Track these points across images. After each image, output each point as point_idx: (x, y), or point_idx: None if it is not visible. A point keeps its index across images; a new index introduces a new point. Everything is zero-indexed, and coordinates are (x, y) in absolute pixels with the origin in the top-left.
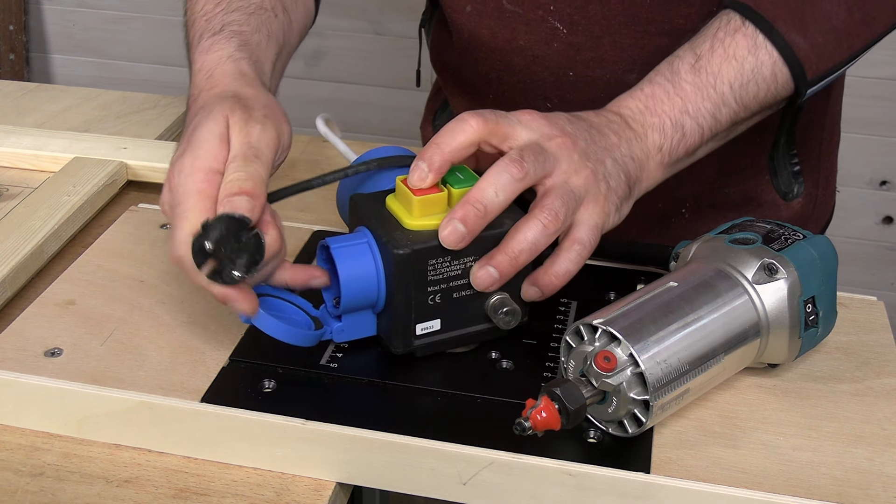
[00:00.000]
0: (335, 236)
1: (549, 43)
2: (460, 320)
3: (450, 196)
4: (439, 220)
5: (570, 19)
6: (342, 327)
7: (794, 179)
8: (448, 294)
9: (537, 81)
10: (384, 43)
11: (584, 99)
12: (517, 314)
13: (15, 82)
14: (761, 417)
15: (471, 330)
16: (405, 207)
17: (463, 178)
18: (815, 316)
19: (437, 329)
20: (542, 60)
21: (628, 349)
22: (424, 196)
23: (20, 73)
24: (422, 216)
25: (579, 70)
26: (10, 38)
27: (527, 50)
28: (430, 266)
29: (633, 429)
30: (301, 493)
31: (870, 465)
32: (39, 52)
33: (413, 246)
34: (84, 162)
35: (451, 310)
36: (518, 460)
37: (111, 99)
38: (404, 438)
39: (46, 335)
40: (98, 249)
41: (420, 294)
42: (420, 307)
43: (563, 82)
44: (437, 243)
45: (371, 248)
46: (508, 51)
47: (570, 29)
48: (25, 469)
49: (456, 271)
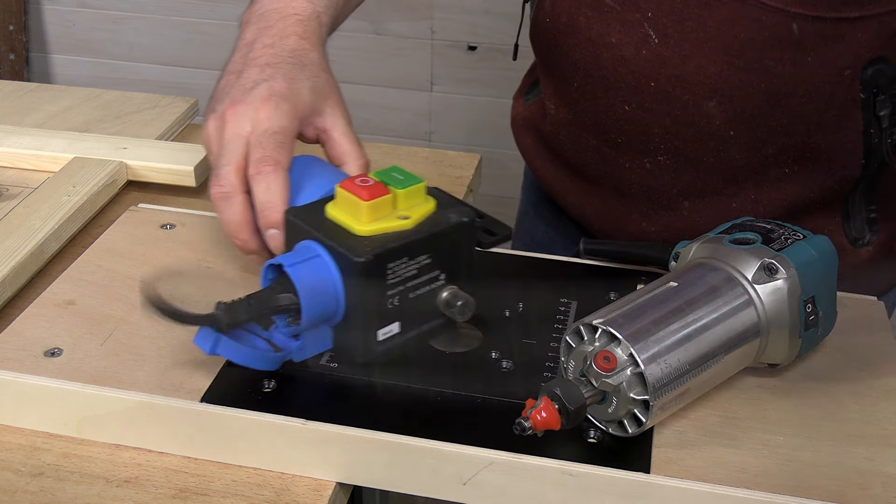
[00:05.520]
0: (282, 255)
1: (639, 48)
2: (416, 319)
3: (395, 197)
4: (389, 224)
5: (665, 30)
6: (302, 346)
7: (867, 226)
8: (405, 295)
9: (620, 83)
10: (384, 43)
11: (662, 111)
12: (470, 305)
13: (15, 82)
14: (761, 417)
15: (426, 327)
16: (352, 214)
17: (402, 178)
18: (815, 316)
19: (397, 332)
20: (629, 64)
21: (628, 349)
22: (374, 200)
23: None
24: (371, 221)
25: (661, 83)
26: (10, 38)
27: (616, 49)
28: (390, 269)
29: (633, 429)
30: (301, 493)
31: (870, 465)
32: (39, 52)
33: (373, 251)
34: (84, 162)
35: (409, 310)
36: (518, 460)
37: (111, 99)
38: (404, 438)
39: (46, 335)
40: (98, 249)
41: (381, 299)
42: (380, 313)
43: (644, 91)
44: (394, 245)
45: (326, 262)
46: (600, 45)
47: (661, 40)
48: (25, 469)
49: (413, 271)
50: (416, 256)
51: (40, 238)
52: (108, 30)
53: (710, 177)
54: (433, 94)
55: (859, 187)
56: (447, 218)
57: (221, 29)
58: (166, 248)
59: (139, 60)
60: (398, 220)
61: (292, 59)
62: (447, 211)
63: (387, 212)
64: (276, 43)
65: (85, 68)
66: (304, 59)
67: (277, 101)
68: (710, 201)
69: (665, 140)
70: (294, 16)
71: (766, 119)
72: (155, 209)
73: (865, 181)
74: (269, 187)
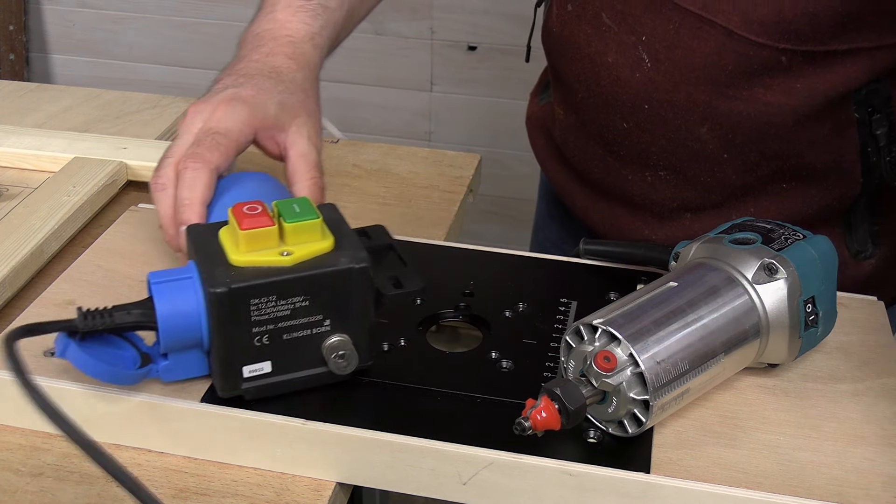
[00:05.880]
0: (162, 270)
1: (634, 70)
2: (294, 363)
3: (281, 230)
4: (266, 257)
5: (657, 56)
6: (169, 366)
7: (870, 239)
8: (277, 335)
9: (618, 101)
10: (384, 43)
11: (657, 132)
12: (354, 358)
13: (15, 82)
14: (761, 417)
15: (306, 373)
16: (233, 241)
17: (299, 212)
18: (815, 316)
19: (269, 371)
20: (625, 84)
21: (628, 349)
22: (251, 231)
23: (20, 73)
24: (249, 251)
25: (654, 107)
26: (10, 38)
27: (613, 69)
28: (254, 306)
29: (633, 429)
30: (301, 493)
31: (870, 465)
32: (39, 52)
33: (231, 284)
34: (84, 162)
35: (283, 352)
36: (518, 460)
37: (111, 99)
38: (404, 438)
39: (46, 335)
40: (98, 249)
41: (243, 335)
42: (245, 349)
43: (640, 112)
44: (260, 282)
45: (194, 285)
46: (598, 63)
47: (654, 65)
48: (25, 469)
49: (284, 311)
50: (288, 297)
51: (40, 238)
52: (108, 30)
53: (708, 194)
54: (433, 94)
55: (861, 202)
56: (335, 262)
57: (221, 29)
58: (166, 249)
59: (139, 60)
60: (279, 255)
61: (271, 74)
62: (340, 254)
63: (269, 244)
64: (262, 59)
65: (85, 68)
66: (284, 76)
67: (235, 104)
68: (711, 213)
69: (663, 158)
70: (286, 37)
71: (758, 145)
72: (155, 209)
73: (867, 197)
74: (190, 184)
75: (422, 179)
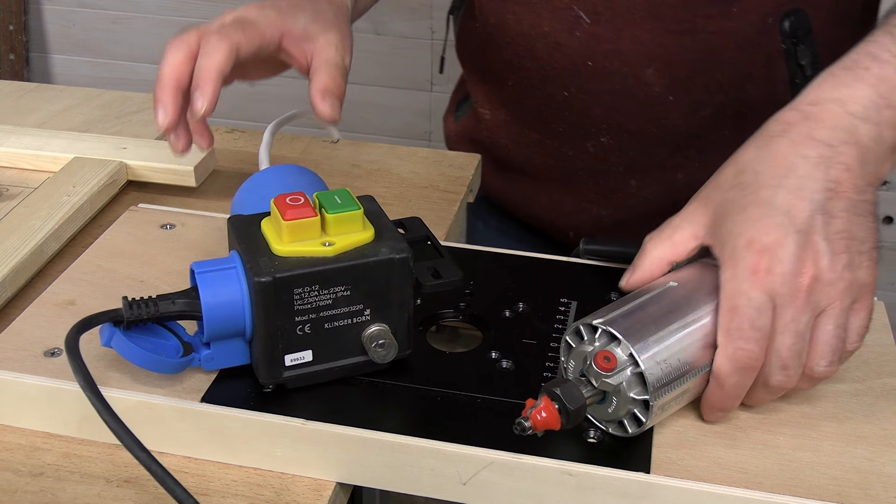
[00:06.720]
0: (206, 260)
1: (572, 31)
2: (334, 351)
3: (323, 221)
4: (309, 248)
5: (595, 9)
6: (211, 355)
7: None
8: (319, 324)
9: (557, 69)
10: (384, 43)
11: (600, 90)
12: (393, 348)
13: (15, 82)
14: (761, 417)
15: (346, 362)
16: (276, 232)
17: (340, 203)
18: None
19: (309, 360)
20: (564, 48)
21: (628, 349)
22: (294, 221)
23: (20, 73)
24: (292, 241)
25: (598, 61)
26: (10, 38)
27: (550, 36)
28: (297, 295)
29: (633, 429)
30: (301, 493)
31: (870, 465)
32: (39, 52)
33: (276, 273)
34: (84, 162)
35: (324, 340)
36: (518, 460)
37: (111, 99)
38: (404, 438)
39: (46, 335)
40: (98, 249)
41: (286, 324)
42: (288, 337)
43: (582, 72)
44: (303, 271)
45: (238, 275)
46: (532, 36)
47: (593, 19)
48: (25, 469)
49: (326, 301)
50: (331, 286)
51: (40, 238)
52: (108, 30)
53: (653, 149)
54: (433, 94)
55: None
56: (376, 252)
57: None
58: (166, 248)
59: (139, 60)
60: (321, 245)
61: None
62: (381, 244)
63: (312, 235)
64: None
65: (85, 68)
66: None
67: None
68: (656, 176)
69: (606, 118)
70: None
71: (703, 78)
72: (155, 209)
73: None
74: (210, 52)
75: (422, 179)
